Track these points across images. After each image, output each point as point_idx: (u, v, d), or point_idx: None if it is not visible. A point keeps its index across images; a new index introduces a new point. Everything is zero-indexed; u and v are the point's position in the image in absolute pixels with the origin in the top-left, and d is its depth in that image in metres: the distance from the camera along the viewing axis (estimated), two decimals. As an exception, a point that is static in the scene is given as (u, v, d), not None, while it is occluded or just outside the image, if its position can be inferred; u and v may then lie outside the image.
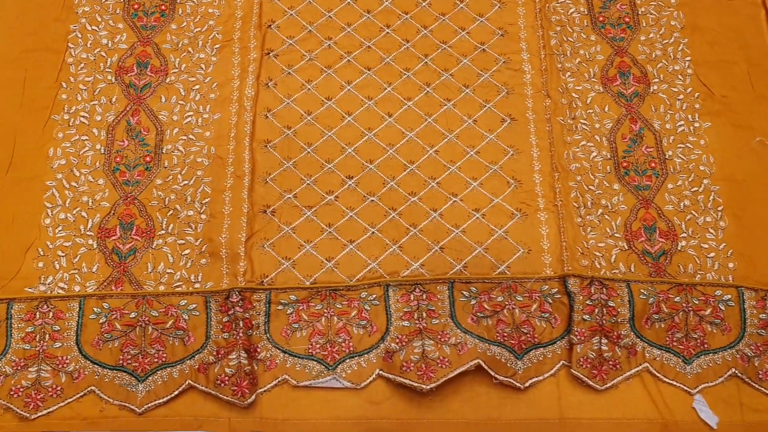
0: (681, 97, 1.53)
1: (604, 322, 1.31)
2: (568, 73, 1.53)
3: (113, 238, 1.36)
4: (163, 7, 1.55)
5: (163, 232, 1.37)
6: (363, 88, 1.51)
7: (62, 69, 1.48)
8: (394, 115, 1.49)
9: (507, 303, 1.33)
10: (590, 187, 1.44)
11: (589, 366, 1.29)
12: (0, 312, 1.28)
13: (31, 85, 1.46)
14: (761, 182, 1.45)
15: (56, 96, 1.45)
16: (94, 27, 1.52)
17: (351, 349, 1.30)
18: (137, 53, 1.50)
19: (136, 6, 1.54)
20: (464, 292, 1.34)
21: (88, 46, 1.50)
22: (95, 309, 1.30)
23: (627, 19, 1.60)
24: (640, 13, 1.60)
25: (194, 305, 1.31)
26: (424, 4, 1.59)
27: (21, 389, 1.25)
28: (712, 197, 1.45)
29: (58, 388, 1.25)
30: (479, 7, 1.59)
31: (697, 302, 1.35)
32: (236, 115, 1.46)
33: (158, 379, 1.26)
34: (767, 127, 1.50)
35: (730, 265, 1.39)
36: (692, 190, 1.45)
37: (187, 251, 1.36)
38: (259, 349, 1.29)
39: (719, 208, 1.44)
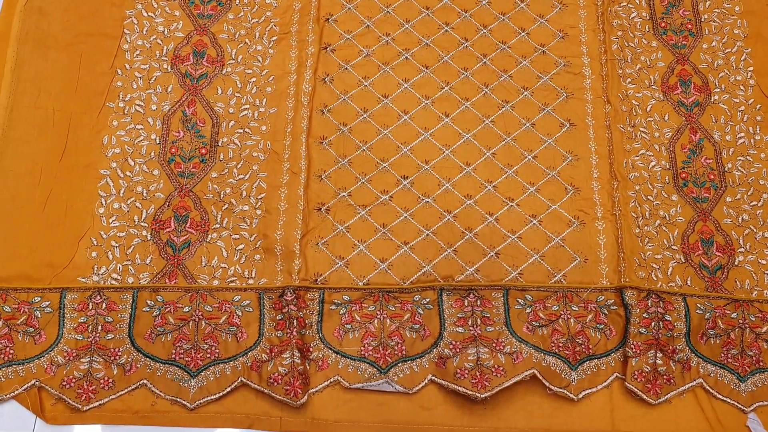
0: (742, 108, 1.50)
1: (660, 335, 1.29)
2: (629, 80, 1.51)
3: (167, 230, 1.34)
4: (222, -9, 1.53)
5: (217, 226, 1.35)
6: (420, 87, 1.48)
7: (117, 55, 1.45)
8: (451, 115, 1.46)
9: (562, 312, 1.32)
10: (648, 197, 1.42)
11: (643, 380, 1.28)
12: (53, 301, 1.27)
13: (86, 71, 1.44)
14: (823, 199, 1.43)
15: (111, 83, 1.43)
16: (150, 13, 1.50)
17: (403, 352, 1.28)
18: (194, 42, 1.48)
19: (192, -7, 1.52)
20: (519, 300, 1.32)
21: (144, 32, 1.48)
22: (148, 302, 1.28)
23: (689, 26, 1.57)
24: (703, 20, 1.57)
25: (248, 301, 1.29)
26: (484, 2, 1.56)
27: (73, 380, 1.24)
28: (771, 213, 1.42)
29: (110, 380, 1.24)
30: (540, 7, 1.56)
31: (753, 319, 1.33)
32: (293, 111, 1.44)
33: (210, 375, 1.25)
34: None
35: (789, 282, 1.37)
36: (751, 204, 1.43)
37: (241, 246, 1.34)
38: (311, 349, 1.28)
39: (778, 224, 1.42)
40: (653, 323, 1.29)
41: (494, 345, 1.28)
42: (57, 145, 1.38)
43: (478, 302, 1.31)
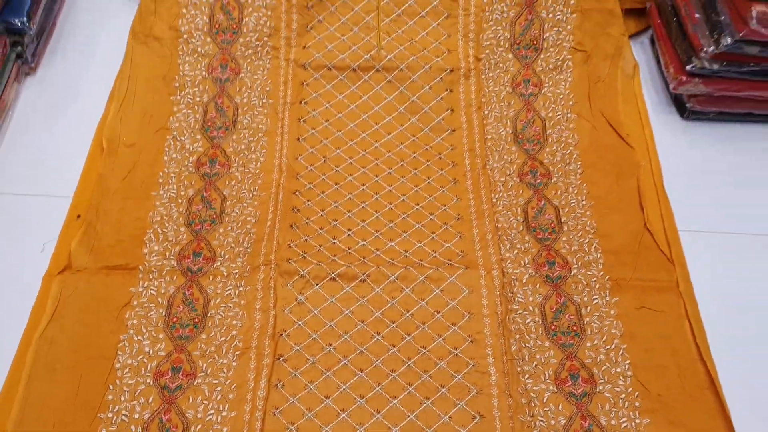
0: (623, 396, 1.82)
1: None
2: (527, 375, 1.84)
3: None
4: (196, 320, 1.91)
5: None
6: (356, 388, 1.81)
7: (110, 373, 1.80)
8: (381, 411, 1.78)
9: None
10: (548, 479, 1.69)
11: None
12: None
13: (84, 387, 1.77)
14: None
15: (104, 396, 1.76)
16: (139, 337, 1.87)
17: None
18: (173, 359, 1.84)
19: (174, 319, 1.91)
20: None
21: (133, 353, 1.84)
22: None
23: (575, 328, 1.94)
24: (585, 322, 1.95)
25: None
26: (407, 315, 1.95)
27: None
28: (655, 489, 1.68)
29: None
30: (452, 317, 1.94)
31: None
32: (249, 414, 1.75)
33: None
34: (698, 423, 1.78)
35: None
36: (637, 480, 1.69)
37: None
38: None
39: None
40: None
41: None
42: (53, 455, 1.67)
43: None
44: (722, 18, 2.21)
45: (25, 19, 2.37)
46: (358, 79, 2.47)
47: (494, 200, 2.19)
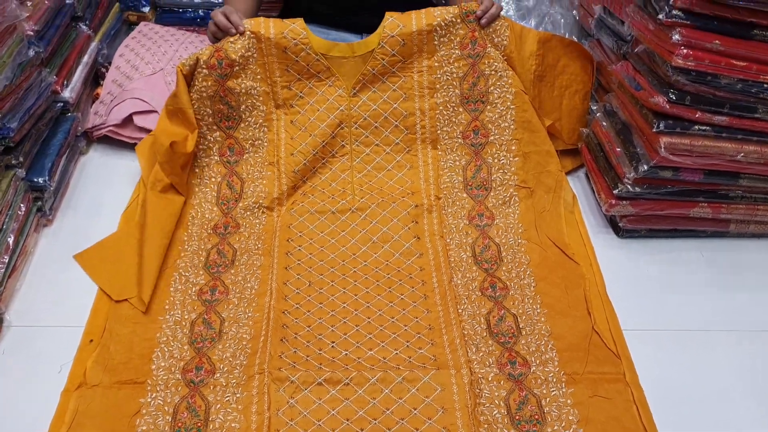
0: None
1: None
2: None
3: None
4: (199, 425, 2.09)
5: None
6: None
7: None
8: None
9: None
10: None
11: None
12: None
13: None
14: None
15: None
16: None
17: None
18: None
19: (179, 424, 2.10)
20: None
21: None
22: None
23: (537, 417, 2.19)
24: (545, 411, 2.20)
25: None
26: (388, 412, 2.17)
27: None
28: None
29: None
30: (428, 412, 2.17)
31: None
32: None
33: None
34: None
35: None
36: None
37: None
38: None
39: None
40: None
41: None
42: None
43: None
44: (638, 149, 2.68)
45: (47, 177, 2.78)
46: (337, 220, 2.87)
47: (460, 311, 2.50)
